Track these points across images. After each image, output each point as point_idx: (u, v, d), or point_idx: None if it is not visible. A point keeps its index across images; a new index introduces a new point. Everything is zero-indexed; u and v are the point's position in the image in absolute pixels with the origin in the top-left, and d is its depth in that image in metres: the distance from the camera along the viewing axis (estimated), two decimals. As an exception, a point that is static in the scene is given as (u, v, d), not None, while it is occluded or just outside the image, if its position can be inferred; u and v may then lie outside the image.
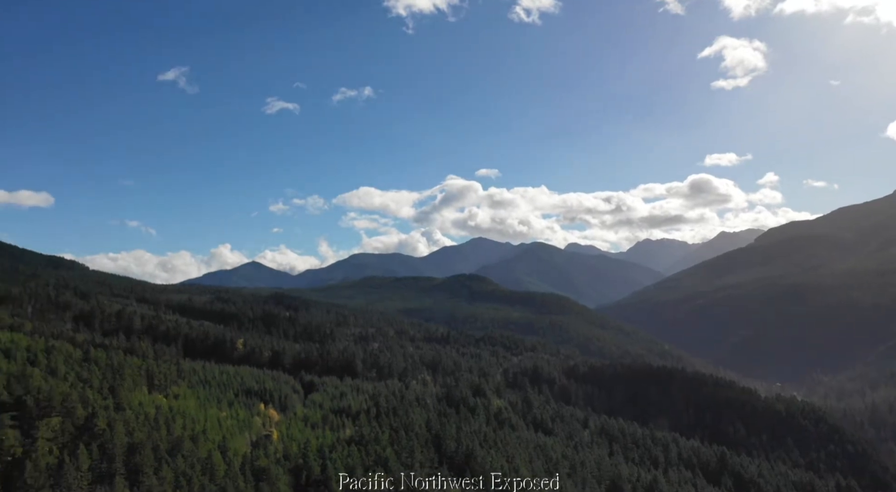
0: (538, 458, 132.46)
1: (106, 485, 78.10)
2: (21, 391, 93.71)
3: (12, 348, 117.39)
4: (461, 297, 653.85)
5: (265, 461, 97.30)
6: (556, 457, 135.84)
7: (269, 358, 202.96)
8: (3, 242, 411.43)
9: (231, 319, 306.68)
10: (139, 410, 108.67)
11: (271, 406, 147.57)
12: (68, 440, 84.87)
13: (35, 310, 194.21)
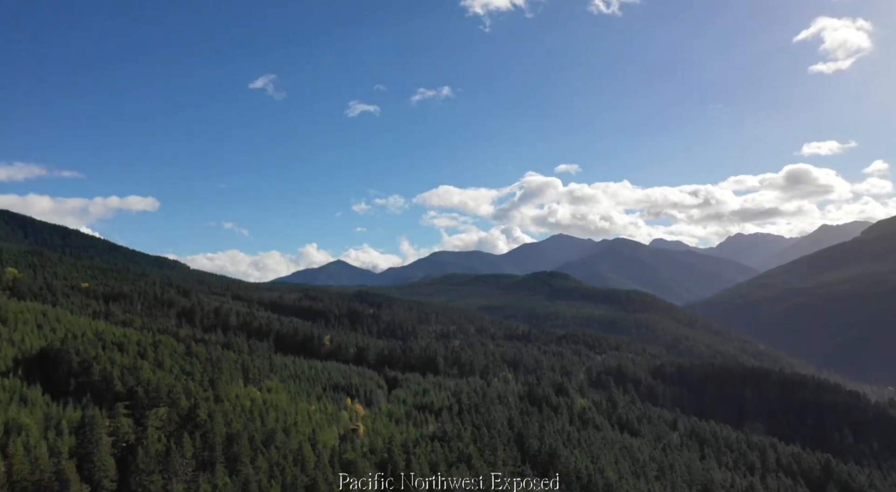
0: (624, 459, 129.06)
1: (208, 472, 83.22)
2: (133, 382, 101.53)
3: (125, 342, 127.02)
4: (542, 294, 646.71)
5: (352, 455, 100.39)
6: (644, 459, 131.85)
7: (354, 354, 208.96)
8: (115, 244, 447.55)
9: (318, 316, 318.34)
10: (236, 402, 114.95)
11: (357, 401, 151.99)
12: (174, 429, 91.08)
13: (144, 307, 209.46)
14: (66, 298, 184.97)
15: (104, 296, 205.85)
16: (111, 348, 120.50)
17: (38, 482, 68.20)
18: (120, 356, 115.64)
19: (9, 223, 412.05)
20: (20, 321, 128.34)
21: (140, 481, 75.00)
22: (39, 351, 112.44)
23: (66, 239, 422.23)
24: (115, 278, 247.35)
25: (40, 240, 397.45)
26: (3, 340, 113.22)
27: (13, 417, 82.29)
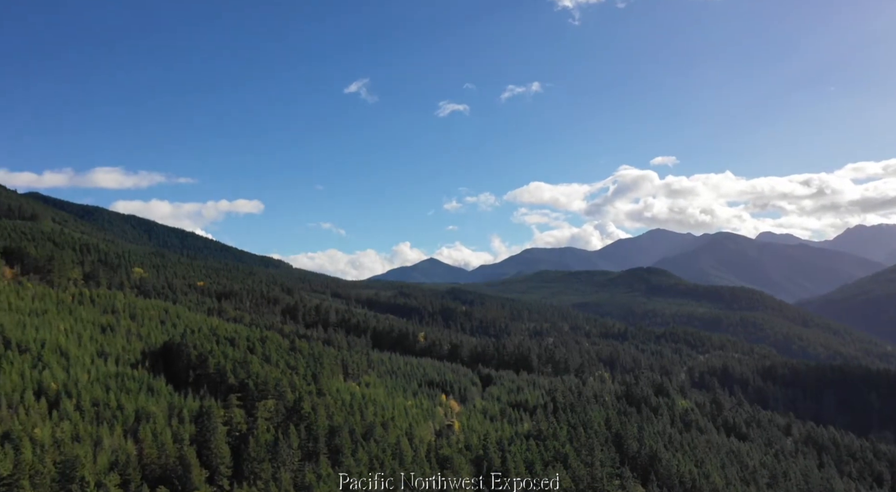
0: (732, 464, 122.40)
1: (313, 462, 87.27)
2: (244, 375, 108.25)
3: (236, 338, 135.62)
4: (639, 291, 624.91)
5: (448, 451, 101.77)
6: (754, 465, 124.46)
7: (448, 351, 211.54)
8: (226, 245, 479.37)
9: (412, 313, 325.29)
10: (337, 396, 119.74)
11: (452, 397, 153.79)
12: (281, 420, 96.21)
13: (252, 304, 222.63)
14: (184, 296, 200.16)
15: (217, 294, 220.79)
16: (224, 343, 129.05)
17: (165, 466, 74.31)
18: (232, 351, 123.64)
19: (135, 227, 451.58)
20: (146, 317, 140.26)
21: (252, 469, 79.83)
22: (163, 345, 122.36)
23: (183, 241, 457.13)
24: (226, 277, 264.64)
25: (162, 242, 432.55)
26: (133, 335, 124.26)
27: (142, 405, 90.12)
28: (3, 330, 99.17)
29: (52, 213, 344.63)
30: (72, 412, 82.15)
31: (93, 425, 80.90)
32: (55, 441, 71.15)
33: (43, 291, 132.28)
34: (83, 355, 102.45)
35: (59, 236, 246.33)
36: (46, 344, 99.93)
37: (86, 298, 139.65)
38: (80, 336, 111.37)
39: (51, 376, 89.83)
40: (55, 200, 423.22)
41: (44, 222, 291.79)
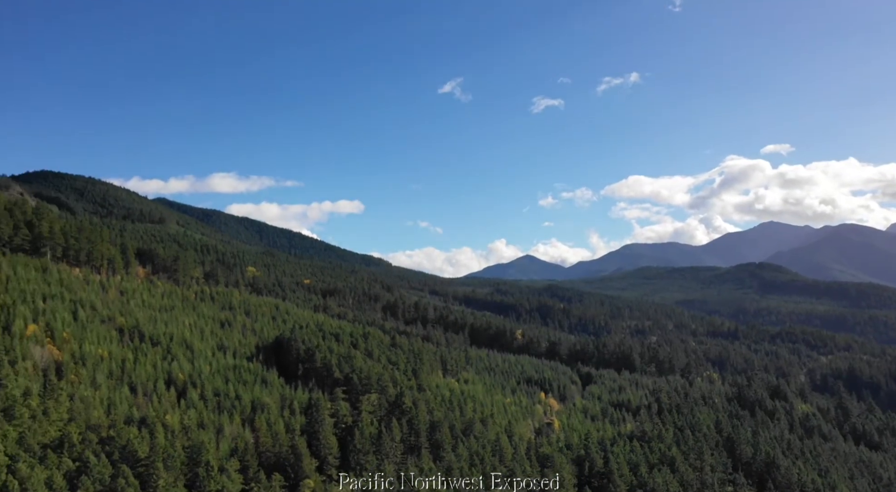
0: (862, 475, 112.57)
1: (415, 456, 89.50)
2: (348, 370, 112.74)
3: (340, 333, 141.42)
4: (750, 287, 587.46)
5: (549, 449, 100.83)
6: (889, 477, 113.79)
7: (546, 348, 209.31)
8: (330, 244, 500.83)
9: (509, 310, 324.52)
10: (436, 392, 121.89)
11: (551, 395, 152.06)
12: (384, 414, 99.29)
13: (354, 301, 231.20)
14: (292, 293, 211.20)
15: (322, 291, 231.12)
16: (329, 338, 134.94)
17: (279, 454, 78.95)
18: (337, 346, 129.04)
19: (248, 229, 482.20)
20: (259, 313, 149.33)
21: (358, 460, 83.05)
22: (274, 339, 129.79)
23: (291, 241, 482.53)
24: (330, 275, 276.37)
25: (272, 242, 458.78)
26: (248, 330, 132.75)
27: (257, 396, 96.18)
28: (138, 324, 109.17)
29: (177, 216, 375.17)
30: (197, 401, 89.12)
31: (215, 414, 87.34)
32: (183, 427, 77.45)
33: (170, 289, 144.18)
34: (205, 349, 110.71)
35: (183, 238, 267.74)
36: (174, 338, 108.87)
37: (206, 296, 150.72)
38: (202, 331, 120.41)
39: (178, 367, 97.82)
40: (179, 205, 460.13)
41: (170, 225, 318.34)
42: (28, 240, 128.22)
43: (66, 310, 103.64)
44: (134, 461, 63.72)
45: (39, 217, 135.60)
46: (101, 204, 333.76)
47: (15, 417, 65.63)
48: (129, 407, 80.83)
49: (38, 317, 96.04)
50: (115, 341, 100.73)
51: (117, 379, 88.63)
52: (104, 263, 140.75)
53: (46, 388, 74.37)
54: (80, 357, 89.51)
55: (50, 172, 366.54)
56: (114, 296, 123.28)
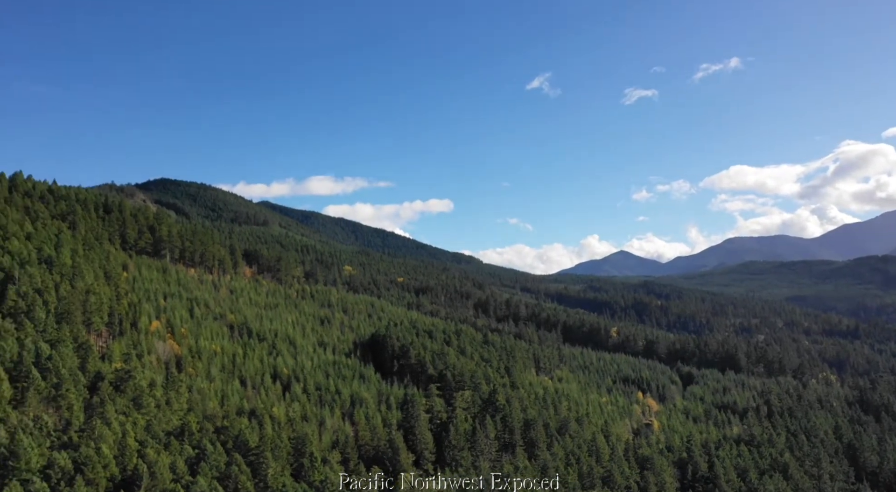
0: None
1: (509, 453, 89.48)
2: (442, 367, 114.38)
3: (433, 330, 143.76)
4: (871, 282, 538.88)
5: (648, 451, 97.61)
6: None
7: (643, 347, 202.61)
8: (421, 243, 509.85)
9: (603, 307, 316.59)
10: (530, 389, 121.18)
11: (649, 395, 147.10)
12: (478, 411, 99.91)
13: (446, 298, 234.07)
14: (387, 291, 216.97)
15: (415, 289, 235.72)
16: (423, 335, 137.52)
17: (377, 447, 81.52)
18: (430, 343, 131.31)
19: (344, 229, 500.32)
20: (356, 311, 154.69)
21: (453, 456, 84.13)
22: (370, 336, 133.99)
23: (384, 240, 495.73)
24: (422, 273, 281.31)
25: (366, 241, 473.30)
26: (346, 327, 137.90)
27: (356, 390, 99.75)
28: (246, 321, 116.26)
29: (279, 218, 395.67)
30: (300, 394, 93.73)
31: (317, 407, 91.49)
32: (289, 419, 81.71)
33: (274, 288, 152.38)
34: (307, 344, 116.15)
35: (285, 239, 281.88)
36: (278, 334, 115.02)
37: (307, 294, 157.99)
38: (303, 327, 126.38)
39: (283, 362, 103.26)
40: (281, 207, 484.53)
41: (273, 227, 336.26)
42: (150, 243, 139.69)
43: (184, 308, 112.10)
44: (245, 450, 67.95)
45: (159, 222, 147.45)
46: (212, 208, 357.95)
47: (143, 406, 71.85)
48: (240, 399, 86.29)
49: (160, 314, 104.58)
50: (226, 337, 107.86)
51: (229, 372, 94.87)
52: (215, 263, 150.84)
53: (168, 380, 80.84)
54: (196, 352, 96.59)
55: (168, 179, 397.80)
56: (224, 294, 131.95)
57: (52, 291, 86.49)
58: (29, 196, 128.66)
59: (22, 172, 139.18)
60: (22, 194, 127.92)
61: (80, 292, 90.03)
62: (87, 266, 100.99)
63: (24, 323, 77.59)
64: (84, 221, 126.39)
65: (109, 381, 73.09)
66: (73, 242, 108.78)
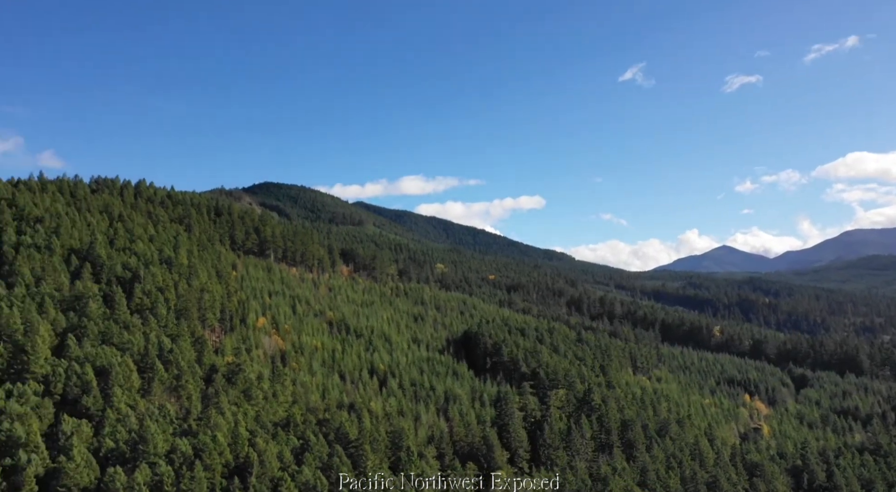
0: None
1: (606, 454, 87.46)
2: (535, 365, 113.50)
3: (526, 328, 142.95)
4: None
5: (758, 457, 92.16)
6: None
7: (749, 347, 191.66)
8: (512, 240, 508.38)
9: (704, 305, 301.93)
10: (627, 389, 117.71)
11: (757, 398, 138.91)
12: (573, 410, 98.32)
13: (538, 295, 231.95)
14: (478, 288, 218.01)
15: (507, 286, 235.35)
16: (515, 333, 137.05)
17: (472, 444, 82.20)
18: (523, 340, 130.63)
19: (435, 227, 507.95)
20: (448, 308, 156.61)
21: (548, 455, 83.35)
22: (463, 333, 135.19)
23: (475, 237, 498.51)
24: (513, 271, 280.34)
25: (457, 239, 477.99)
26: (438, 324, 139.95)
27: (449, 387, 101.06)
28: (344, 318, 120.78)
29: (373, 218, 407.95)
30: (396, 390, 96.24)
31: (412, 402, 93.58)
32: (386, 414, 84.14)
33: (370, 286, 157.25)
34: (401, 341, 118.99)
35: (379, 238, 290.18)
36: (374, 330, 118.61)
37: (401, 291, 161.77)
38: (398, 324, 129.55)
39: (379, 358, 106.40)
40: (375, 207, 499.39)
41: (367, 227, 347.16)
42: (256, 243, 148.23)
43: (287, 305, 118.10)
44: (346, 443, 70.71)
45: (264, 223, 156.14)
46: (311, 209, 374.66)
47: (252, 397, 76.51)
48: (340, 393, 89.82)
49: (265, 311, 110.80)
50: (325, 333, 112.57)
51: (329, 367, 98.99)
52: (315, 262, 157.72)
53: (274, 373, 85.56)
54: (299, 347, 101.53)
55: (271, 183, 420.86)
56: (324, 292, 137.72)
57: (171, 289, 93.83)
58: (151, 202, 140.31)
59: (145, 180, 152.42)
60: (145, 200, 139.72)
61: (195, 290, 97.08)
62: (202, 266, 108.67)
63: (149, 319, 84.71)
64: (198, 223, 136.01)
65: (222, 373, 78.42)
66: (188, 243, 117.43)
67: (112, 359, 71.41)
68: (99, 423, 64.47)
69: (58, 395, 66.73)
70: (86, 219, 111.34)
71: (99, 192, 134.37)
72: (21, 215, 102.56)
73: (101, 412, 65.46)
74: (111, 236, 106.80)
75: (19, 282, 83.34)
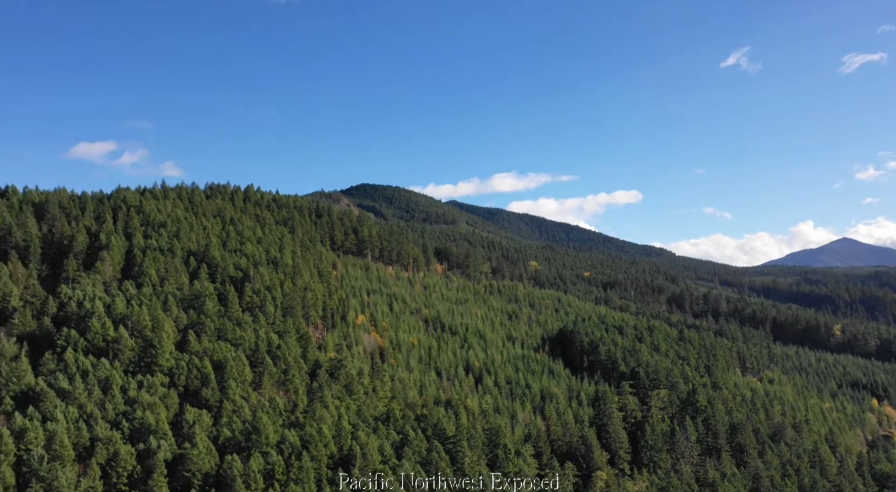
0: None
1: (714, 458, 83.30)
2: (634, 364, 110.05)
3: (623, 326, 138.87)
4: None
5: (888, 467, 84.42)
6: None
7: (875, 347, 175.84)
8: (608, 236, 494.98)
9: (822, 302, 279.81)
10: (735, 391, 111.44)
11: (887, 403, 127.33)
12: (675, 411, 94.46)
13: (636, 293, 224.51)
14: (573, 286, 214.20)
15: (602, 283, 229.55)
16: (613, 331, 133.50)
17: (569, 443, 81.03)
18: (621, 339, 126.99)
19: (528, 224, 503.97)
20: (543, 306, 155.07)
21: (650, 457, 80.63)
22: (558, 331, 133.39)
23: (569, 234, 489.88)
24: (610, 267, 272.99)
25: (550, 236, 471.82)
26: (533, 322, 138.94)
27: (545, 385, 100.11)
28: (439, 316, 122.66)
29: (466, 216, 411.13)
30: (491, 387, 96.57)
31: (508, 400, 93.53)
32: (482, 411, 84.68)
33: (463, 283, 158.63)
34: (496, 339, 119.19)
35: (472, 236, 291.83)
36: (469, 328, 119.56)
37: (494, 289, 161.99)
38: (492, 322, 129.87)
39: (474, 355, 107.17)
40: (467, 206, 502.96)
41: (460, 225, 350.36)
42: (354, 243, 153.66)
43: (384, 303, 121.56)
44: (444, 438, 71.87)
45: (361, 224, 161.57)
46: (406, 209, 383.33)
47: (353, 392, 79.51)
48: (437, 389, 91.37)
49: (364, 309, 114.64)
50: (421, 330, 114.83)
51: (425, 364, 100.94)
52: (410, 261, 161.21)
53: (374, 369, 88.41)
54: (396, 344, 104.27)
55: (367, 184, 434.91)
56: (419, 290, 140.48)
57: (278, 288, 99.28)
58: (258, 205, 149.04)
59: (253, 185, 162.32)
60: (253, 204, 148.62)
61: (299, 289, 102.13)
62: (305, 266, 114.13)
63: (259, 316, 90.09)
64: (301, 225, 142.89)
65: (326, 369, 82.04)
66: (292, 244, 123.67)
67: (227, 354, 76.65)
68: (217, 413, 69.44)
69: (181, 386, 72.53)
70: (202, 223, 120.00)
71: (213, 197, 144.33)
72: (147, 221, 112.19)
73: (219, 403, 70.45)
74: (224, 239, 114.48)
75: (147, 282, 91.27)
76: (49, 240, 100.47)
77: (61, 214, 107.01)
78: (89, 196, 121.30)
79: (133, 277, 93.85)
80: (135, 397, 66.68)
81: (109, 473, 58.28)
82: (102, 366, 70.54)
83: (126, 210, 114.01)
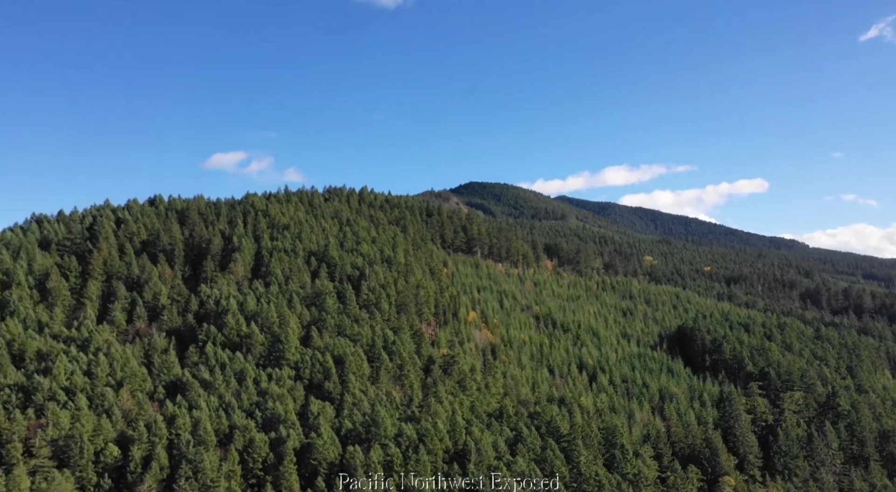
0: None
1: (861, 468, 75.98)
2: (763, 364, 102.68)
3: (750, 323, 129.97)
4: None
5: None
6: None
7: None
8: (730, 228, 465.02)
9: None
10: (884, 394, 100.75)
11: None
12: (813, 416, 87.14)
13: (764, 288, 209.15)
14: (692, 281, 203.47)
15: (725, 278, 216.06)
16: (738, 329, 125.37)
17: (692, 446, 77.17)
18: (747, 337, 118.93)
19: (641, 218, 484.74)
20: (659, 302, 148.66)
21: (784, 464, 75.03)
22: (676, 329, 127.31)
23: (686, 227, 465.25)
24: (733, 261, 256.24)
25: (666, 229, 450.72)
26: (649, 319, 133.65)
27: (664, 385, 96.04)
28: (550, 313, 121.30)
29: (576, 212, 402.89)
30: (606, 386, 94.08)
31: (624, 399, 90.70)
32: (597, 410, 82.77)
33: (574, 280, 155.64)
34: (610, 336, 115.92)
35: (583, 231, 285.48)
36: (581, 325, 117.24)
37: (607, 285, 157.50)
38: (605, 319, 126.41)
39: (587, 352, 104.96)
40: (577, 200, 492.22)
41: (570, 221, 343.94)
42: (464, 241, 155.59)
43: (495, 300, 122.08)
44: (558, 436, 71.08)
45: (470, 222, 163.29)
46: (514, 206, 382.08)
47: (466, 388, 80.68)
48: (549, 387, 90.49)
49: (475, 305, 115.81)
50: (532, 327, 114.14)
51: (537, 361, 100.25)
52: (520, 258, 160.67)
53: (486, 366, 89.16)
54: (507, 341, 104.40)
55: (475, 182, 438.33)
56: (529, 287, 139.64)
57: (392, 286, 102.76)
58: (372, 206, 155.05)
59: (367, 187, 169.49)
60: (367, 205, 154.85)
61: (412, 287, 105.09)
62: (417, 264, 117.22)
63: (374, 313, 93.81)
64: (412, 224, 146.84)
65: (439, 365, 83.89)
66: (405, 243, 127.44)
67: (346, 349, 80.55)
68: (339, 405, 73.23)
69: (306, 379, 77.22)
70: (321, 224, 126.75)
71: (330, 200, 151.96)
72: (273, 224, 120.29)
73: (340, 396, 74.24)
74: (341, 239, 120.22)
75: (273, 281, 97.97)
76: (190, 243, 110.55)
77: (200, 219, 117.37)
78: (223, 202, 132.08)
79: (261, 277, 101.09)
80: (266, 389, 71.86)
81: (246, 458, 63.28)
82: (237, 359, 76.69)
83: (254, 214, 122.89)
